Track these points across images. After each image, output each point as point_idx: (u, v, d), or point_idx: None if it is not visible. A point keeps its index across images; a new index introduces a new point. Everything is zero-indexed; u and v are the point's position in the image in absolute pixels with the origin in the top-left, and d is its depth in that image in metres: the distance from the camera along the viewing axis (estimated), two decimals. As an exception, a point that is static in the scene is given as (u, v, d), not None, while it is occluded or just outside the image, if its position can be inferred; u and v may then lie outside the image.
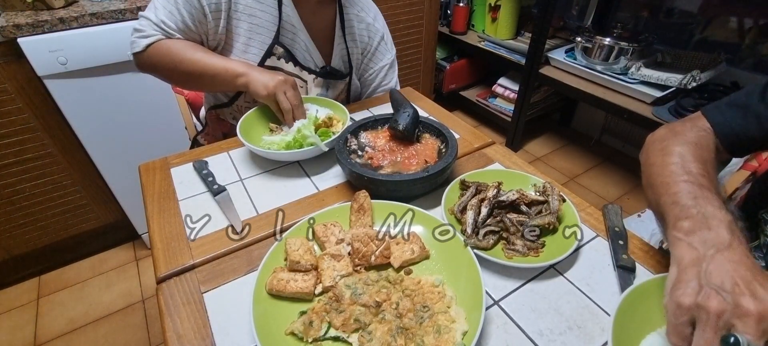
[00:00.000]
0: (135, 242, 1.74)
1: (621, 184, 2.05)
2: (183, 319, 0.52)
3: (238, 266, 0.59)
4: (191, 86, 0.96)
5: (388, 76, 1.07)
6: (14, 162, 1.29)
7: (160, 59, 0.83)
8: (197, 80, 0.85)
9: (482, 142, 0.87)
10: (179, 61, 0.82)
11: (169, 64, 0.83)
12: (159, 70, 0.86)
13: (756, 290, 0.36)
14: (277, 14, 0.86)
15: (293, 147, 0.78)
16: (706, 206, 0.45)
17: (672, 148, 0.55)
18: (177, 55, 0.82)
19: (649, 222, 1.15)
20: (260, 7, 0.85)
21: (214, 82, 0.84)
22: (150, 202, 0.71)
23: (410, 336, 0.48)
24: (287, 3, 0.86)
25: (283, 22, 0.87)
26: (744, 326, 0.34)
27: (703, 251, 0.40)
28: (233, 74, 0.81)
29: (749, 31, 1.59)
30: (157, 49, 0.82)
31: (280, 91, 0.80)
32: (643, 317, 0.48)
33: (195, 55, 0.82)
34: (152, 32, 0.82)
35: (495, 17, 2.19)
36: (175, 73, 0.84)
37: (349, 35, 0.97)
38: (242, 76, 0.81)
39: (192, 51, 0.82)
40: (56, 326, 1.43)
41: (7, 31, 1.11)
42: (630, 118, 1.62)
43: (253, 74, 0.81)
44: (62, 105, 1.26)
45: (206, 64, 0.82)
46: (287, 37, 0.89)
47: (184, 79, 0.87)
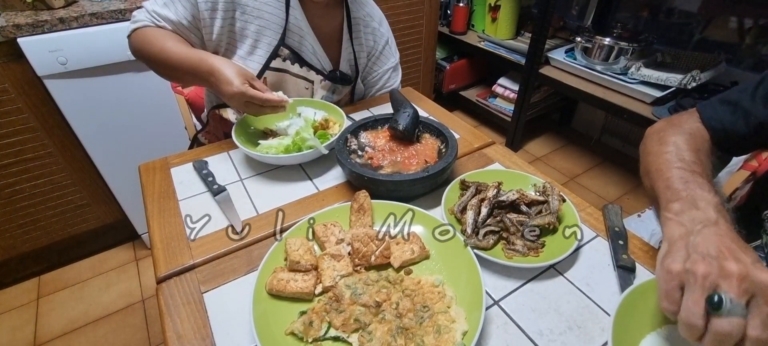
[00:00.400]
0: (135, 242, 1.74)
1: (621, 184, 2.05)
2: (183, 319, 0.52)
3: (238, 266, 0.59)
4: (172, 77, 0.91)
5: (392, 79, 1.08)
6: (14, 162, 1.29)
7: (141, 45, 0.83)
8: (174, 70, 0.82)
9: (482, 142, 0.87)
10: (158, 49, 0.81)
11: (149, 51, 0.82)
12: (142, 56, 0.85)
13: (739, 255, 0.39)
14: (284, 16, 0.86)
15: (292, 150, 0.78)
16: (695, 189, 0.49)
17: (668, 138, 0.59)
18: (157, 42, 0.81)
19: (649, 222, 1.15)
20: (269, 10, 0.85)
21: (188, 73, 0.80)
22: (150, 202, 0.71)
23: (410, 336, 0.48)
24: (295, 5, 0.86)
25: (290, 23, 0.87)
26: (728, 286, 0.37)
27: (691, 227, 0.44)
28: (207, 69, 0.76)
29: (749, 31, 1.59)
30: (142, 35, 0.83)
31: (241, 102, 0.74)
32: (643, 317, 0.49)
33: (172, 45, 0.80)
34: (141, 18, 0.83)
35: (495, 17, 2.19)
36: (155, 61, 0.83)
37: (355, 39, 0.97)
38: (212, 73, 0.76)
39: (172, 41, 0.81)
40: (56, 326, 1.43)
41: (7, 31, 1.11)
42: (630, 118, 1.62)
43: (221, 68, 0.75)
44: (62, 105, 1.26)
45: (181, 55, 0.79)
46: (294, 39, 0.89)
47: (164, 69, 0.85)
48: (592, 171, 2.15)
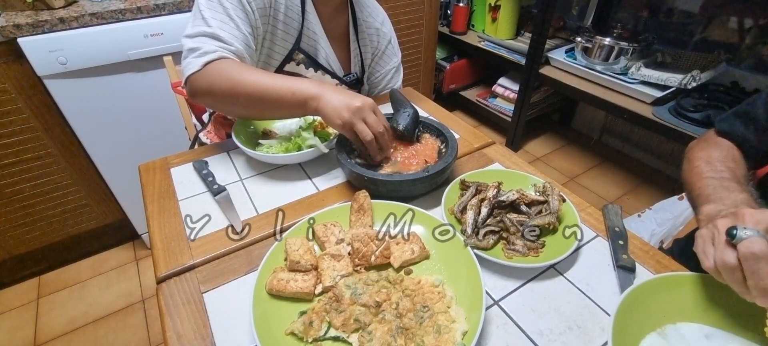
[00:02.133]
0: (135, 242, 1.74)
1: (621, 184, 2.05)
2: (183, 319, 0.52)
3: (238, 266, 0.59)
4: (250, 113, 0.79)
5: (394, 79, 1.08)
6: (14, 162, 1.29)
7: (216, 78, 0.71)
8: (258, 104, 0.72)
9: (482, 142, 0.87)
10: (238, 81, 0.70)
11: (225, 85, 0.70)
12: (215, 92, 0.72)
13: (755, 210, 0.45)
14: (300, 20, 0.85)
15: (292, 150, 0.78)
16: (722, 193, 0.56)
17: (696, 153, 0.68)
18: (237, 74, 0.70)
19: (649, 222, 1.15)
20: (290, 14, 0.84)
21: (278, 106, 0.71)
22: (150, 202, 0.71)
23: (410, 336, 0.48)
24: (310, 10, 0.86)
25: (305, 28, 0.86)
26: (742, 222, 0.43)
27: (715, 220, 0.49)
28: (302, 98, 0.69)
29: (749, 31, 1.59)
30: (216, 67, 0.71)
31: (357, 120, 0.67)
32: (643, 317, 0.49)
33: (254, 76, 0.70)
34: (212, 48, 0.71)
35: (495, 17, 2.19)
36: (233, 95, 0.71)
37: (361, 39, 0.98)
38: (313, 99, 0.68)
39: (251, 71, 0.71)
40: (56, 326, 1.43)
41: (7, 31, 1.11)
42: (630, 118, 1.62)
43: (325, 98, 0.68)
44: (62, 105, 1.26)
45: (267, 86, 0.70)
46: (309, 43, 0.89)
47: (244, 103, 0.73)
48: (592, 171, 2.15)
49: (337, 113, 0.67)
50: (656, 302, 0.49)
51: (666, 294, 0.50)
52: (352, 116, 0.66)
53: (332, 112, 0.67)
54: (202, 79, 0.72)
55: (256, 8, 0.77)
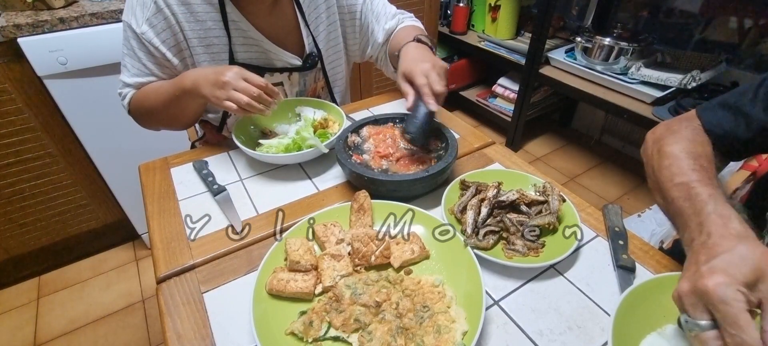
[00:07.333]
0: (135, 242, 1.74)
1: (621, 184, 2.05)
2: (183, 319, 0.52)
3: (238, 266, 0.59)
4: (179, 120, 0.86)
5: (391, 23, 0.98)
6: (14, 162, 1.29)
7: (139, 110, 0.83)
8: (173, 111, 0.81)
9: (482, 142, 0.87)
10: (151, 103, 0.81)
11: (148, 110, 0.82)
12: (146, 118, 0.86)
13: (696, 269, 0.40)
14: (225, 35, 0.81)
15: (292, 150, 0.77)
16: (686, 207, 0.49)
17: (666, 148, 0.57)
18: (147, 98, 0.81)
19: (649, 222, 1.15)
20: (211, 34, 0.81)
21: (185, 107, 0.80)
22: (150, 202, 0.71)
23: (410, 336, 0.48)
24: (238, 19, 0.80)
25: (232, 41, 0.82)
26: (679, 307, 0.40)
27: None
28: (189, 92, 0.74)
29: (749, 31, 1.59)
30: (135, 103, 0.83)
31: (229, 92, 0.70)
32: (643, 317, 0.48)
33: (154, 94, 0.80)
34: (125, 92, 0.83)
35: (495, 17, 2.19)
36: (155, 114, 0.83)
37: (310, 18, 0.91)
38: (193, 91, 0.74)
39: (153, 91, 0.80)
40: (56, 326, 1.43)
41: (7, 31, 1.11)
42: (630, 118, 1.62)
43: (199, 86, 0.73)
44: (62, 105, 1.26)
45: (164, 97, 0.78)
46: (249, 51, 0.85)
47: (166, 117, 0.84)
48: (592, 171, 2.15)
49: (213, 94, 0.71)
50: (656, 302, 0.49)
51: (666, 294, 0.50)
52: (223, 91, 0.71)
53: (209, 95, 0.72)
54: (134, 115, 0.86)
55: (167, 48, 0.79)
